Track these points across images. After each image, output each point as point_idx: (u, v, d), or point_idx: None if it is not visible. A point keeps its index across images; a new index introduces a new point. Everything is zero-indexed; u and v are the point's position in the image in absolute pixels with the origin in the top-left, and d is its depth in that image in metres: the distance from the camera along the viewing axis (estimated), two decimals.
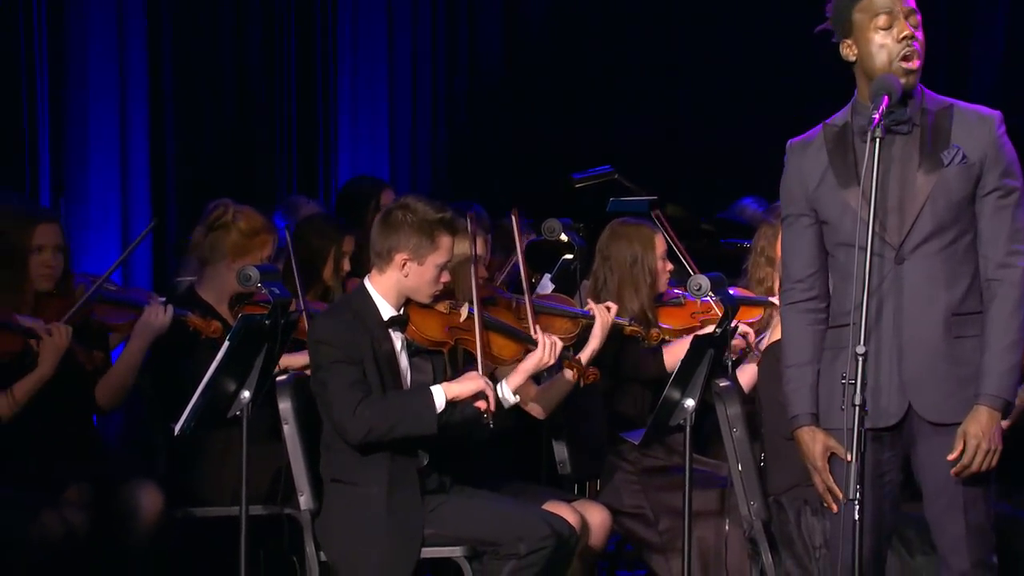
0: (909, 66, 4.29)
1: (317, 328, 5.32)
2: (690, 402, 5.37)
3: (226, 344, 5.13)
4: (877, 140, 4.18)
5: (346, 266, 6.48)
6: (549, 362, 5.47)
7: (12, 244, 5.70)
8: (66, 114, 7.94)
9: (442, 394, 5.22)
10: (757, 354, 5.75)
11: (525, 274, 5.75)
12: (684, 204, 7.85)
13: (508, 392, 5.39)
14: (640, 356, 6.05)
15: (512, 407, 5.43)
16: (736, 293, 5.71)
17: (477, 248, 5.70)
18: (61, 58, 7.92)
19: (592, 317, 5.77)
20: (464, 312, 5.44)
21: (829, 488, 4.32)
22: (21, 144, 7.77)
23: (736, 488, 5.35)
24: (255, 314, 5.30)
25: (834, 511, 4.32)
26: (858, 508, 4.15)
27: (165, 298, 5.86)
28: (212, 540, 5.89)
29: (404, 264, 5.32)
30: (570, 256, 6.72)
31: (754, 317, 6.01)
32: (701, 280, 5.50)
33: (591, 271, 6.22)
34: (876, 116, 4.18)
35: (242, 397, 5.23)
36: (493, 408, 5.24)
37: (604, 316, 5.76)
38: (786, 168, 4.44)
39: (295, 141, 9.11)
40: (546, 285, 6.77)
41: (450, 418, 5.23)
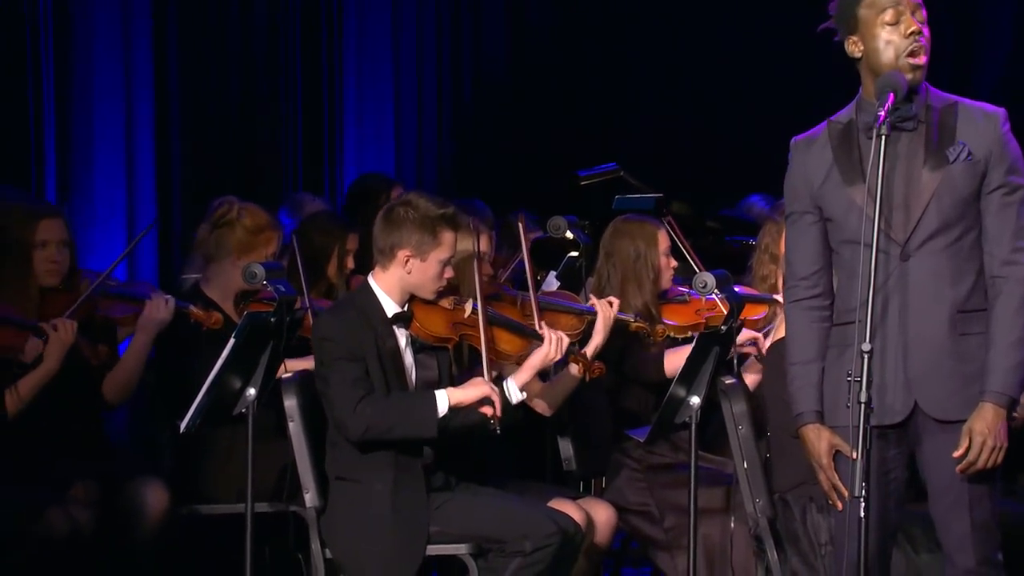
0: (916, 62, 4.28)
1: (321, 325, 5.32)
2: (696, 400, 5.37)
3: (231, 341, 5.13)
4: (883, 137, 4.18)
5: (350, 263, 6.48)
6: (555, 357, 5.46)
7: (15, 240, 5.70)
8: (71, 112, 7.95)
9: (446, 399, 5.21)
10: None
11: (530, 272, 5.75)
12: (689, 202, 7.83)
13: (514, 389, 5.38)
14: (640, 359, 6.03)
15: (518, 404, 5.42)
16: (741, 291, 5.71)
17: (481, 245, 5.70)
18: (67, 56, 7.92)
19: (596, 313, 5.77)
20: (468, 308, 5.44)
21: (834, 486, 4.32)
22: (27, 142, 7.78)
23: (742, 485, 5.35)
24: (260, 311, 5.31)
25: (839, 509, 4.31)
26: (863, 505, 4.15)
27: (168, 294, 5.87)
28: (217, 537, 5.90)
29: (407, 261, 5.32)
30: (575, 253, 6.72)
31: (759, 314, 6.01)
32: (706, 277, 5.50)
33: (595, 268, 6.22)
34: (882, 113, 4.17)
35: (247, 395, 5.23)
36: (499, 414, 5.22)
37: (606, 311, 5.76)
38: (790, 165, 4.44)
39: (301, 139, 9.11)
40: (551, 282, 6.77)
41: (453, 422, 5.22)
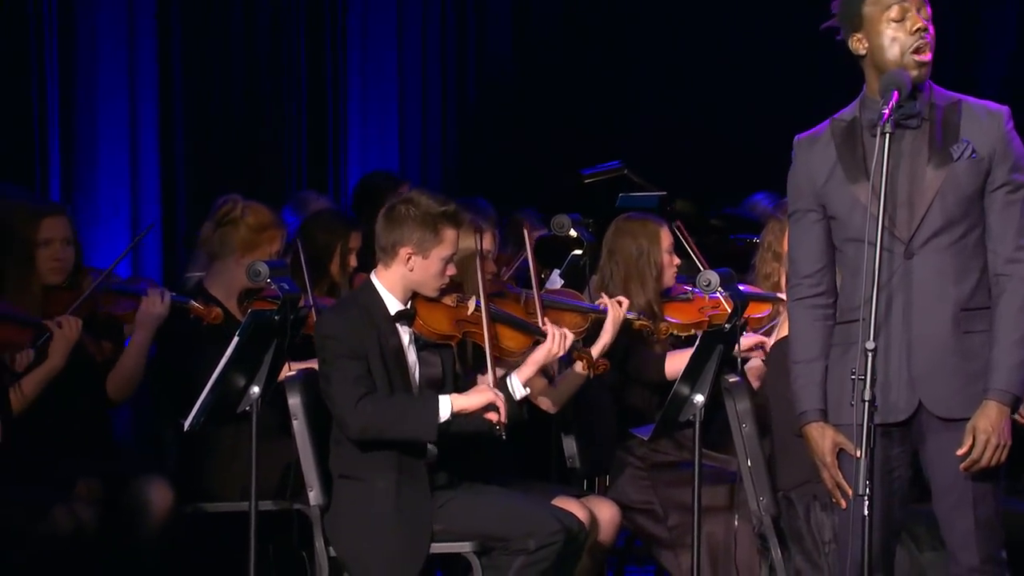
0: (921, 58, 4.28)
1: (323, 323, 5.32)
2: (699, 398, 5.37)
3: (235, 339, 5.14)
4: (887, 135, 4.18)
5: (353, 261, 6.47)
6: (559, 353, 5.46)
7: (18, 238, 5.71)
8: (75, 110, 7.95)
9: (448, 405, 5.19)
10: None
11: (534, 270, 5.75)
12: (693, 200, 7.83)
13: (518, 384, 5.38)
14: (642, 359, 6.03)
15: (523, 401, 5.41)
16: (745, 289, 5.71)
17: (484, 243, 5.70)
18: (71, 54, 7.92)
19: (602, 311, 5.77)
20: (471, 305, 5.44)
21: (838, 484, 4.32)
22: (31, 140, 7.78)
23: (745, 484, 5.35)
24: (264, 310, 5.31)
25: (843, 507, 4.31)
26: (867, 504, 4.15)
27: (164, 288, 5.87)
28: (221, 536, 5.90)
29: (409, 258, 5.31)
30: (579, 252, 6.72)
31: (762, 312, 6.01)
32: (710, 276, 5.50)
33: (598, 267, 6.22)
34: (886, 111, 4.17)
35: (251, 393, 5.24)
36: (505, 420, 5.21)
37: (616, 311, 5.76)
38: (793, 163, 4.43)
39: (305, 137, 9.11)
40: (555, 281, 6.77)
41: (456, 427, 5.21)
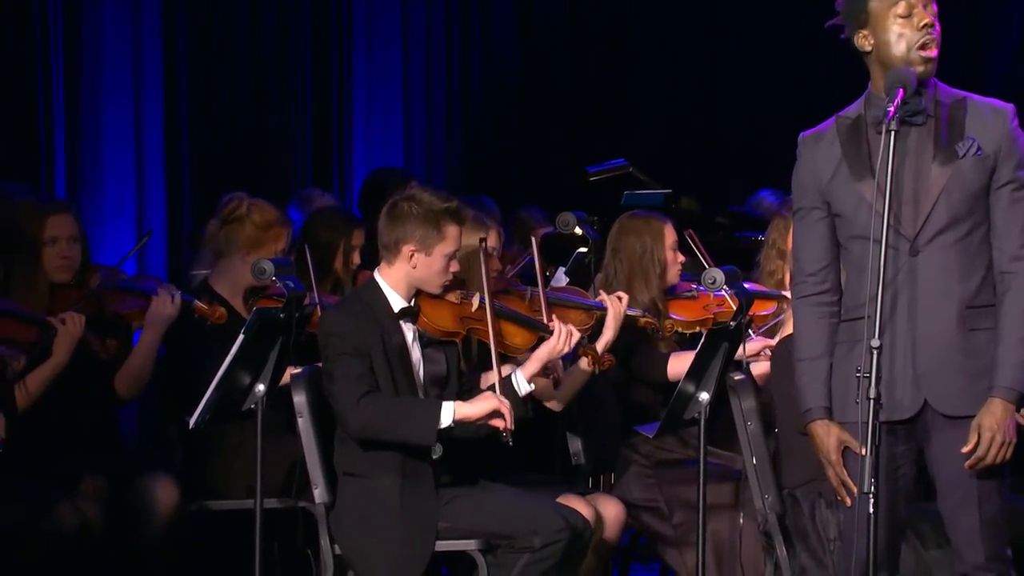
0: (928, 54, 4.28)
1: (326, 321, 5.32)
2: (704, 395, 5.37)
3: (241, 337, 5.14)
4: (892, 133, 4.17)
5: (356, 259, 6.47)
6: (565, 350, 5.45)
7: (25, 236, 5.72)
8: (81, 109, 7.96)
9: (451, 412, 5.17)
10: None
11: (540, 268, 5.75)
12: (698, 197, 7.83)
13: (522, 381, 5.37)
14: (646, 358, 6.02)
15: (527, 397, 5.41)
16: (750, 287, 5.71)
17: (489, 241, 5.70)
18: (76, 54, 7.93)
19: (606, 309, 5.77)
20: (476, 302, 5.43)
21: (843, 482, 4.31)
22: (36, 139, 7.79)
23: (750, 481, 5.35)
24: (269, 308, 5.31)
25: (848, 505, 4.31)
26: (872, 501, 4.15)
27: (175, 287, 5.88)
28: (227, 533, 5.90)
29: (412, 255, 5.31)
30: (584, 249, 6.72)
31: (767, 310, 6.01)
32: (715, 273, 5.50)
33: (602, 265, 6.22)
34: (891, 109, 4.17)
35: (256, 391, 5.24)
36: (511, 427, 5.20)
37: (616, 306, 5.76)
38: (798, 161, 4.43)
39: (310, 137, 9.12)
40: (560, 278, 6.77)
41: (461, 432, 5.21)
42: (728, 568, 5.73)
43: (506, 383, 5.33)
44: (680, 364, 5.79)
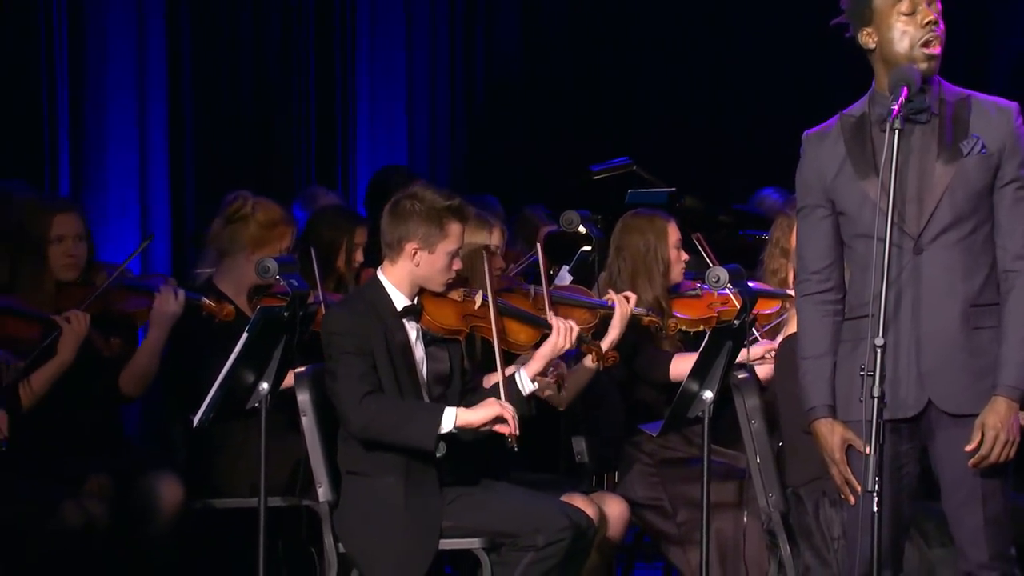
0: (931, 52, 4.28)
1: (329, 319, 5.32)
2: (708, 394, 5.36)
3: (244, 336, 5.14)
4: (896, 131, 4.17)
5: (359, 257, 6.47)
6: (566, 346, 5.44)
7: (31, 235, 5.72)
8: (85, 108, 7.96)
9: (452, 418, 5.16)
10: None
11: (544, 266, 5.75)
12: (702, 196, 7.83)
13: (526, 379, 5.37)
14: (650, 358, 6.02)
15: (531, 396, 5.40)
16: (755, 286, 5.71)
17: (493, 239, 5.70)
18: (80, 53, 7.93)
19: (610, 307, 5.77)
20: (479, 300, 5.43)
21: (847, 480, 4.31)
22: (41, 138, 7.79)
23: (754, 480, 5.35)
24: (273, 306, 5.31)
25: (852, 503, 4.31)
26: (876, 500, 4.15)
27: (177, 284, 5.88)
28: (231, 532, 5.91)
29: (415, 253, 5.31)
30: (588, 248, 6.72)
31: (771, 308, 6.01)
32: (719, 272, 5.50)
33: (606, 263, 6.22)
34: (895, 107, 4.17)
35: (260, 389, 5.24)
36: (517, 432, 5.19)
37: (624, 306, 5.76)
38: (802, 159, 4.43)
39: (314, 137, 9.12)
40: (564, 277, 6.77)
41: (463, 436, 5.20)
42: (732, 567, 5.73)
43: (510, 382, 5.33)
44: (683, 365, 5.78)
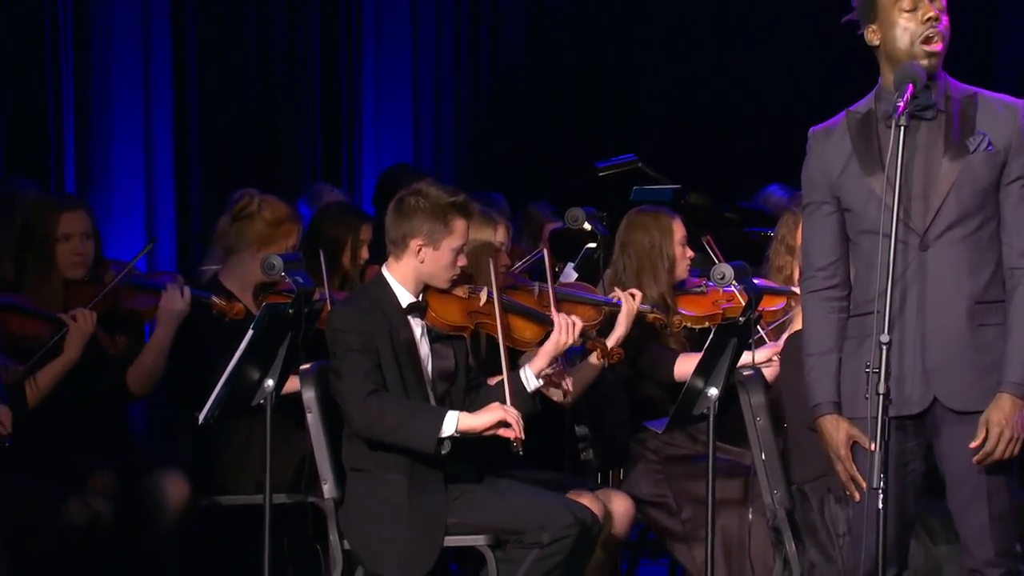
0: (930, 48, 4.27)
1: (334, 317, 5.32)
2: (713, 391, 5.36)
3: (250, 333, 5.14)
4: (901, 128, 4.17)
5: (364, 254, 6.47)
6: (569, 342, 5.43)
7: (38, 233, 5.73)
8: (90, 107, 7.97)
9: (454, 422, 5.15)
10: None
11: (549, 263, 5.75)
12: (707, 192, 7.83)
13: (530, 376, 5.37)
14: (655, 357, 6.01)
15: (535, 393, 5.40)
16: (760, 283, 5.71)
17: (498, 236, 5.70)
18: (86, 50, 7.94)
19: (616, 304, 5.77)
20: (483, 296, 5.43)
21: (852, 477, 4.31)
22: (46, 135, 7.80)
23: (759, 477, 5.35)
24: (279, 303, 5.31)
25: (857, 500, 4.31)
26: (882, 497, 4.15)
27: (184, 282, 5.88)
28: (236, 529, 5.91)
29: (419, 250, 5.31)
30: (593, 245, 6.72)
31: (776, 305, 6.00)
32: (724, 269, 5.50)
33: (611, 260, 6.22)
34: (901, 104, 4.17)
35: (266, 386, 5.24)
36: (522, 436, 5.17)
37: (630, 304, 5.76)
38: (808, 155, 4.43)
39: (319, 136, 9.13)
40: (569, 274, 6.76)
41: (470, 438, 5.21)
42: (737, 564, 5.73)
43: (514, 379, 5.33)
44: (687, 365, 5.77)
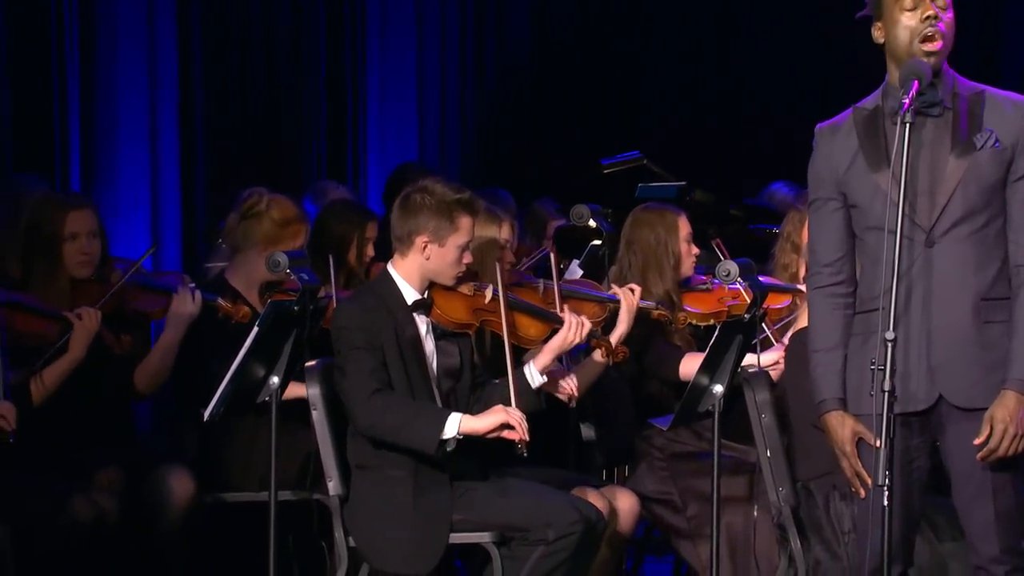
0: (929, 47, 4.27)
1: (339, 314, 5.32)
2: (718, 388, 5.36)
3: (255, 330, 5.15)
4: (907, 125, 4.17)
5: (369, 252, 6.47)
6: (576, 341, 5.43)
7: (45, 232, 5.73)
8: (96, 104, 7.97)
9: (456, 424, 5.15)
10: None
11: (555, 260, 5.75)
12: (712, 189, 7.83)
13: (535, 373, 5.37)
14: (660, 355, 6.01)
15: (540, 389, 5.40)
16: (766, 280, 5.71)
17: (503, 233, 5.70)
18: (91, 48, 7.95)
19: (619, 301, 5.77)
20: (489, 294, 5.43)
21: (857, 473, 4.31)
22: (51, 133, 7.80)
23: (764, 474, 5.35)
24: (284, 300, 5.31)
25: (862, 497, 4.31)
26: (887, 494, 4.14)
27: (195, 284, 5.89)
28: (242, 526, 5.91)
29: (425, 247, 5.31)
30: (598, 242, 6.71)
31: (782, 303, 6.00)
32: (730, 266, 5.50)
33: (616, 257, 6.22)
34: (906, 101, 4.17)
35: (271, 383, 5.25)
36: (526, 437, 5.17)
37: (629, 299, 5.76)
38: (814, 152, 4.43)
39: (324, 133, 9.13)
40: (574, 271, 6.76)
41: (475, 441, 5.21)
42: (742, 561, 5.73)
43: (519, 376, 5.33)
44: (692, 364, 5.77)
